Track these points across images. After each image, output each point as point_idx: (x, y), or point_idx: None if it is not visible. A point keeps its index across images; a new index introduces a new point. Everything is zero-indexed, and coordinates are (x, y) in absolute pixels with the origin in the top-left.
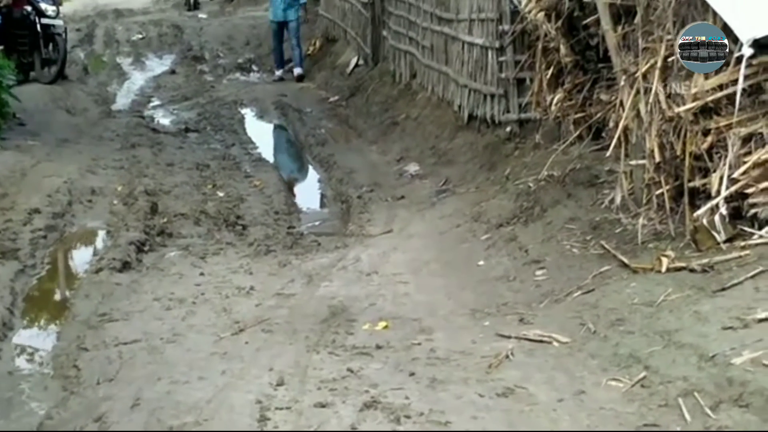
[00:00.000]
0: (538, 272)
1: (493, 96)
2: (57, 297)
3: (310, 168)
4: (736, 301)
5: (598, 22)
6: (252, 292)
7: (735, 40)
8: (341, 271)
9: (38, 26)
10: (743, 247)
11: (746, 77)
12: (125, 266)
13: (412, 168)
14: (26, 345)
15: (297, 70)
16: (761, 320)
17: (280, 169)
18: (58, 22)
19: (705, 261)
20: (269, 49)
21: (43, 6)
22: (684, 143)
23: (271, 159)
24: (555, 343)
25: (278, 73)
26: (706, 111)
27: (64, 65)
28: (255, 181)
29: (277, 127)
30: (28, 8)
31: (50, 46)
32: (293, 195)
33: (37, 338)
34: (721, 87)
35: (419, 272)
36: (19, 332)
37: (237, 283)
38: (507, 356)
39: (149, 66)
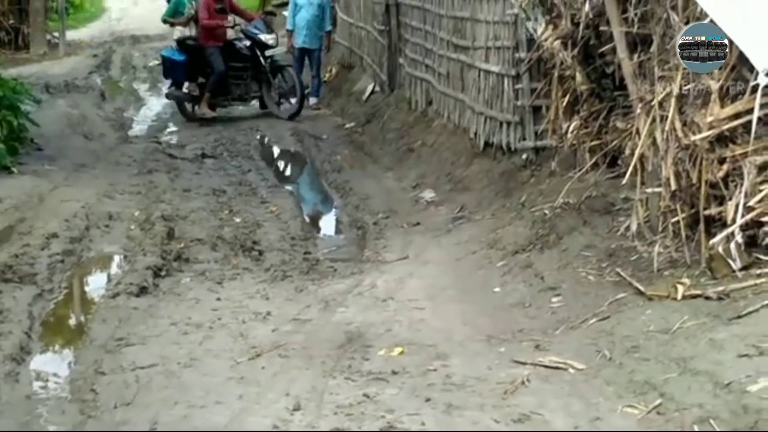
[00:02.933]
0: (554, 299)
1: (509, 123)
2: (74, 321)
3: (326, 194)
4: (752, 329)
5: (614, 50)
6: (268, 318)
7: (751, 68)
8: (357, 296)
9: (261, 59)
10: (759, 275)
11: (762, 106)
12: (142, 291)
13: (428, 195)
14: (44, 369)
15: (312, 100)
16: None
17: (297, 195)
18: (281, 50)
19: (720, 289)
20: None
21: (262, 37)
22: (700, 171)
23: (287, 185)
24: (571, 370)
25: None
26: (722, 139)
27: (303, 98)
28: (271, 207)
29: (293, 154)
30: (246, 42)
31: (278, 78)
32: (309, 221)
33: (54, 362)
34: (737, 116)
35: (435, 298)
36: (36, 356)
37: (253, 309)
38: (523, 382)
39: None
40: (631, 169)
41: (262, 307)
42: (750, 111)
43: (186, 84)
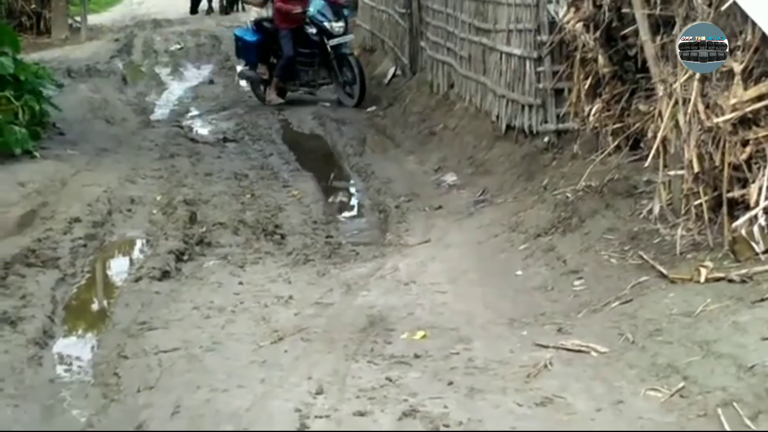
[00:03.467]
0: (576, 282)
1: (530, 106)
2: (97, 306)
3: (348, 178)
4: None
5: (636, 32)
6: (291, 301)
7: None
8: (379, 280)
9: (328, 48)
10: None
11: None
12: (164, 275)
13: (450, 178)
14: (67, 353)
15: None
16: None
17: (318, 178)
18: (347, 38)
19: (744, 271)
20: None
21: (327, 25)
22: (723, 153)
23: (308, 168)
24: (593, 353)
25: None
26: (745, 121)
27: (364, 86)
28: (293, 191)
29: (314, 137)
30: (314, 29)
31: (344, 68)
32: (331, 204)
33: (77, 346)
34: (760, 97)
35: (457, 282)
36: (59, 340)
37: (276, 292)
38: (545, 366)
39: (187, 76)
40: (653, 151)
41: (284, 290)
42: None
43: (258, 65)
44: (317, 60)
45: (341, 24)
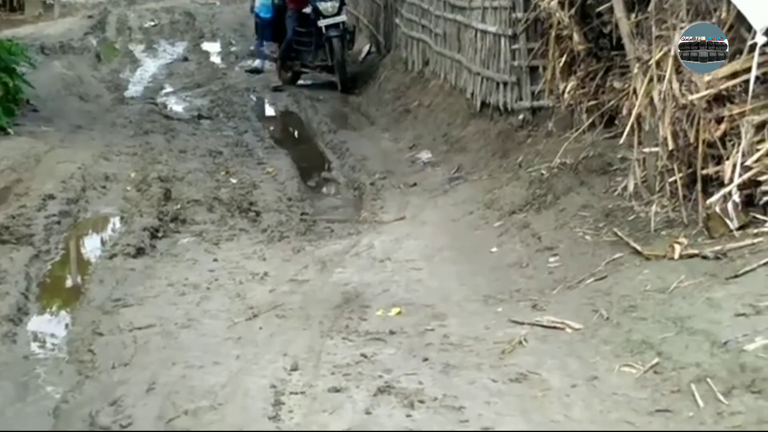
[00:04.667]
0: (551, 259)
1: (505, 84)
2: (71, 282)
3: (323, 155)
4: (749, 288)
5: (611, 9)
6: (266, 278)
7: (749, 28)
8: (354, 257)
9: (322, 29)
10: (756, 235)
11: (759, 65)
12: (139, 252)
13: (425, 155)
14: (41, 330)
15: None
16: None
17: (293, 156)
18: (338, 19)
19: (718, 248)
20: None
21: (320, 5)
22: (697, 131)
23: (283, 145)
24: (568, 330)
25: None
26: (720, 99)
27: (342, 73)
28: (268, 168)
29: (289, 114)
30: (308, 9)
31: (326, 51)
32: (306, 182)
33: (51, 323)
34: (734, 75)
35: (432, 259)
36: (33, 317)
37: (251, 269)
38: (520, 342)
39: (161, 53)
40: (628, 129)
41: (259, 267)
42: (748, 70)
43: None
44: (314, 40)
45: (333, 4)
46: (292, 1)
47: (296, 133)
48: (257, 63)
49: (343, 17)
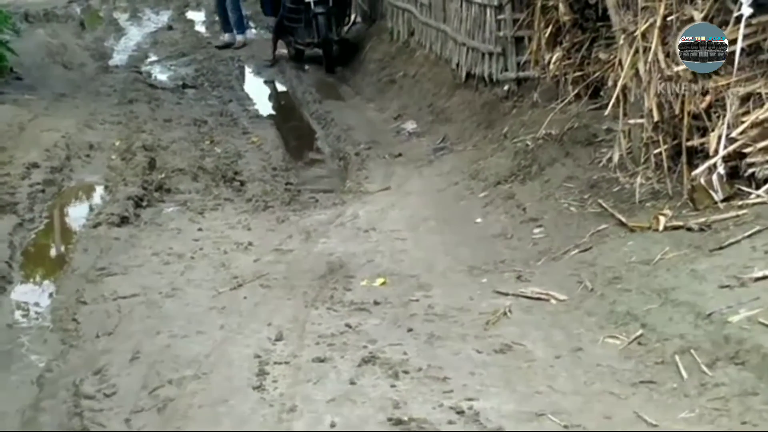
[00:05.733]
0: (536, 230)
1: (491, 54)
2: (55, 251)
3: (308, 125)
4: (733, 260)
5: None
6: (250, 248)
7: (734, 0)
8: (339, 227)
9: (309, 4)
10: (740, 207)
11: (745, 37)
12: (123, 221)
13: (410, 126)
14: (25, 299)
15: (239, 37)
16: (758, 279)
17: (278, 125)
18: None
19: (702, 220)
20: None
21: None
22: (682, 103)
23: (268, 115)
24: (552, 301)
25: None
26: None
27: (329, 52)
28: (253, 138)
29: (274, 84)
30: None
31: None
32: (291, 151)
33: (35, 292)
34: None
35: (417, 229)
36: (17, 286)
37: (235, 239)
38: (504, 313)
39: (146, 22)
40: (613, 100)
41: (244, 237)
42: (733, 42)
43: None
44: (303, 17)
45: None
46: None
47: (281, 102)
48: (226, 37)
49: None
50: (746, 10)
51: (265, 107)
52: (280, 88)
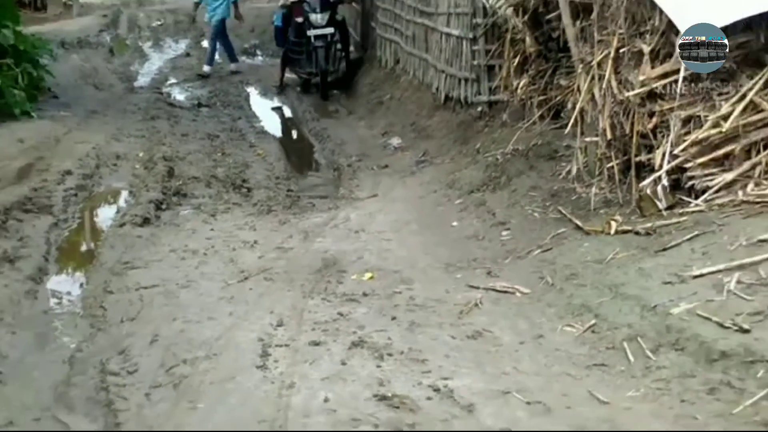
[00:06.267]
0: (504, 233)
1: (466, 80)
2: (85, 247)
3: (307, 140)
4: (675, 260)
5: (559, 17)
6: (255, 246)
7: (677, 33)
8: (333, 228)
9: (312, 38)
10: (681, 214)
11: (687, 67)
12: (145, 221)
13: (395, 141)
14: (58, 288)
15: (231, 66)
16: (696, 276)
17: (280, 140)
18: (325, 31)
19: (648, 225)
20: (271, 36)
21: (312, 16)
22: (632, 123)
23: (272, 131)
24: (518, 294)
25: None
26: (652, 96)
27: (324, 82)
28: (258, 150)
29: (278, 104)
30: (300, 19)
31: (312, 59)
32: (291, 162)
33: (68, 282)
34: (665, 75)
35: (401, 231)
36: (52, 277)
37: (242, 238)
38: (476, 304)
39: (167, 49)
40: (572, 120)
41: (250, 236)
42: (676, 71)
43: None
44: (305, 49)
45: (322, 16)
46: (296, 10)
47: (284, 120)
48: (205, 68)
49: (330, 30)
50: None
51: (269, 124)
52: (283, 108)
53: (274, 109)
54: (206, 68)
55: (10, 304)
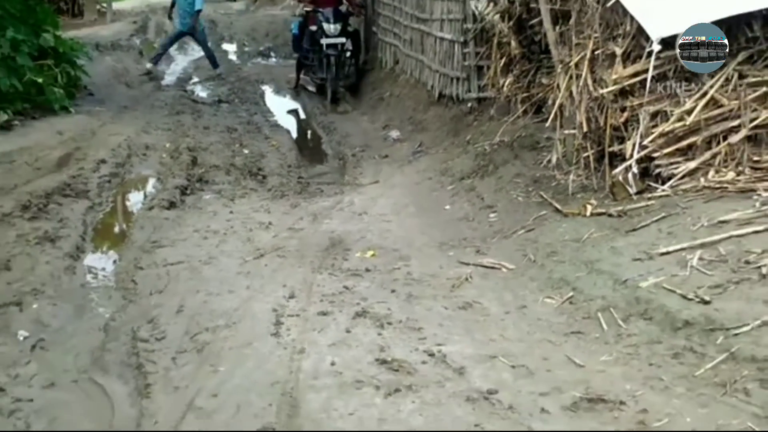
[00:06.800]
0: (491, 215)
1: (458, 79)
2: (118, 228)
3: (316, 132)
4: (644, 239)
5: (541, 22)
6: (270, 227)
7: (647, 38)
8: (339, 211)
9: (324, 46)
10: (650, 198)
11: (655, 67)
12: (172, 205)
13: (395, 134)
14: (94, 264)
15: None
16: (662, 254)
17: (292, 132)
18: (338, 40)
19: (620, 208)
20: (285, 40)
21: (325, 26)
22: (606, 117)
23: (285, 125)
24: (504, 269)
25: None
26: (624, 93)
27: (334, 89)
28: (272, 142)
29: (290, 101)
30: (314, 27)
31: (323, 66)
32: (302, 153)
33: (102, 259)
34: (635, 74)
35: (399, 213)
36: (88, 255)
37: (258, 219)
38: (466, 279)
39: (190, 51)
40: (552, 115)
41: (265, 218)
42: (645, 71)
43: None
44: (317, 56)
45: (336, 26)
46: (311, 18)
47: (295, 115)
48: (148, 65)
49: (342, 39)
50: (656, 47)
51: (282, 118)
52: (295, 104)
53: (286, 104)
54: (147, 65)
55: (51, 278)
